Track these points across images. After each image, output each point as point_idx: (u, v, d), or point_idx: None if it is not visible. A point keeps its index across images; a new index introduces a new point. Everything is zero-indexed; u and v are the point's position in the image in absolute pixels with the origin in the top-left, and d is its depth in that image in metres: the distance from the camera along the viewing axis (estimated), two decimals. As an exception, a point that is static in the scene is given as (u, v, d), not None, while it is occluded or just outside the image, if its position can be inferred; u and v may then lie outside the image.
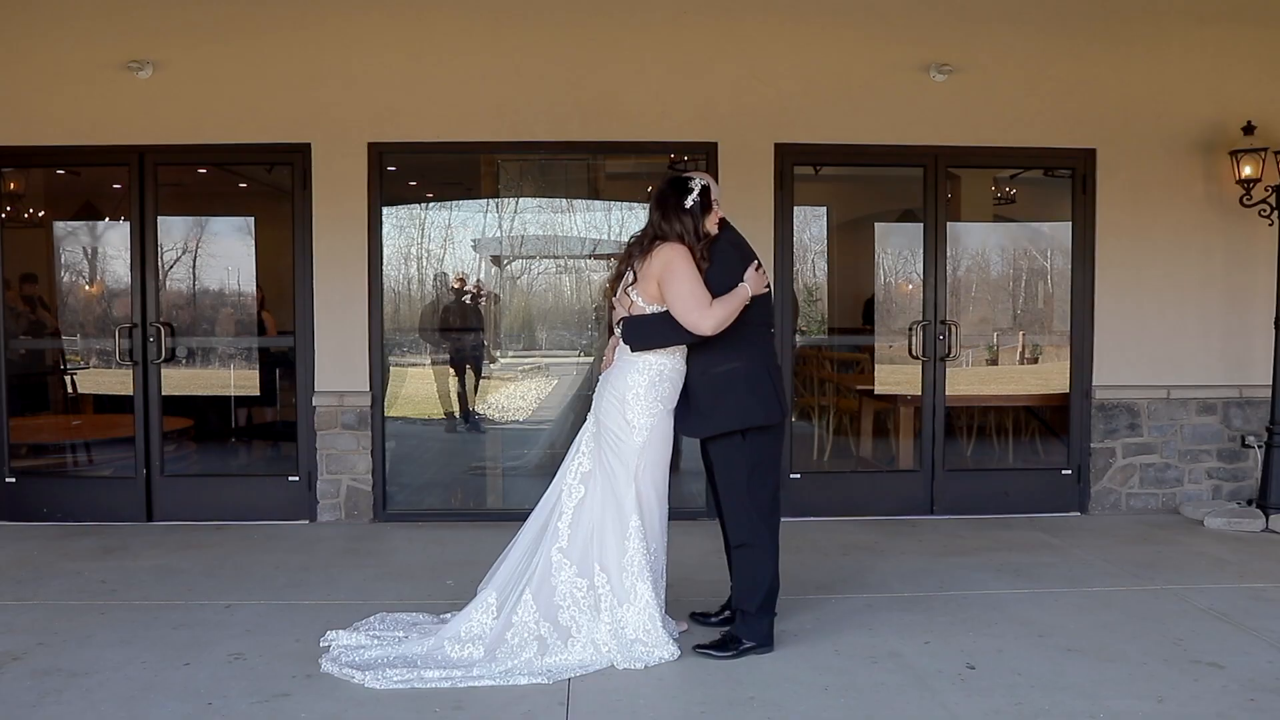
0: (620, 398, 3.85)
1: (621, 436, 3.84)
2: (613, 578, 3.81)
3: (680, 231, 3.80)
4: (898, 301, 6.92)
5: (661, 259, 3.78)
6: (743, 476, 3.85)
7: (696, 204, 3.82)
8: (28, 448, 6.46)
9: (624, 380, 3.86)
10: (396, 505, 6.25)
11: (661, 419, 3.86)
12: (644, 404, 3.83)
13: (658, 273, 3.78)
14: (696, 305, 3.70)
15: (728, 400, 3.83)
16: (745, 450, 3.85)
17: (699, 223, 3.82)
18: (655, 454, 3.86)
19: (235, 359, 7.02)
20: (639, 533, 3.81)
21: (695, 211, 3.81)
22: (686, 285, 3.73)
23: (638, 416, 3.83)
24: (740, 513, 3.87)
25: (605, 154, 6.54)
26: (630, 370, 3.86)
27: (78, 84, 5.91)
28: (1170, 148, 6.28)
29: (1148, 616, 4.33)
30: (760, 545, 3.87)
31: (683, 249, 3.78)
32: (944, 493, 6.32)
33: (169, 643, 3.98)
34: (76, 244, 6.99)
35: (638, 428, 3.83)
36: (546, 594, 3.82)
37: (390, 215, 6.39)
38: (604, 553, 3.83)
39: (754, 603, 3.87)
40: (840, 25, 6.08)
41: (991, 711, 3.38)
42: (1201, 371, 6.39)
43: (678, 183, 3.86)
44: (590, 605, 3.81)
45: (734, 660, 3.81)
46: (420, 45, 5.99)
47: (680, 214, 3.80)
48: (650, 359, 3.84)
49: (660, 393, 3.85)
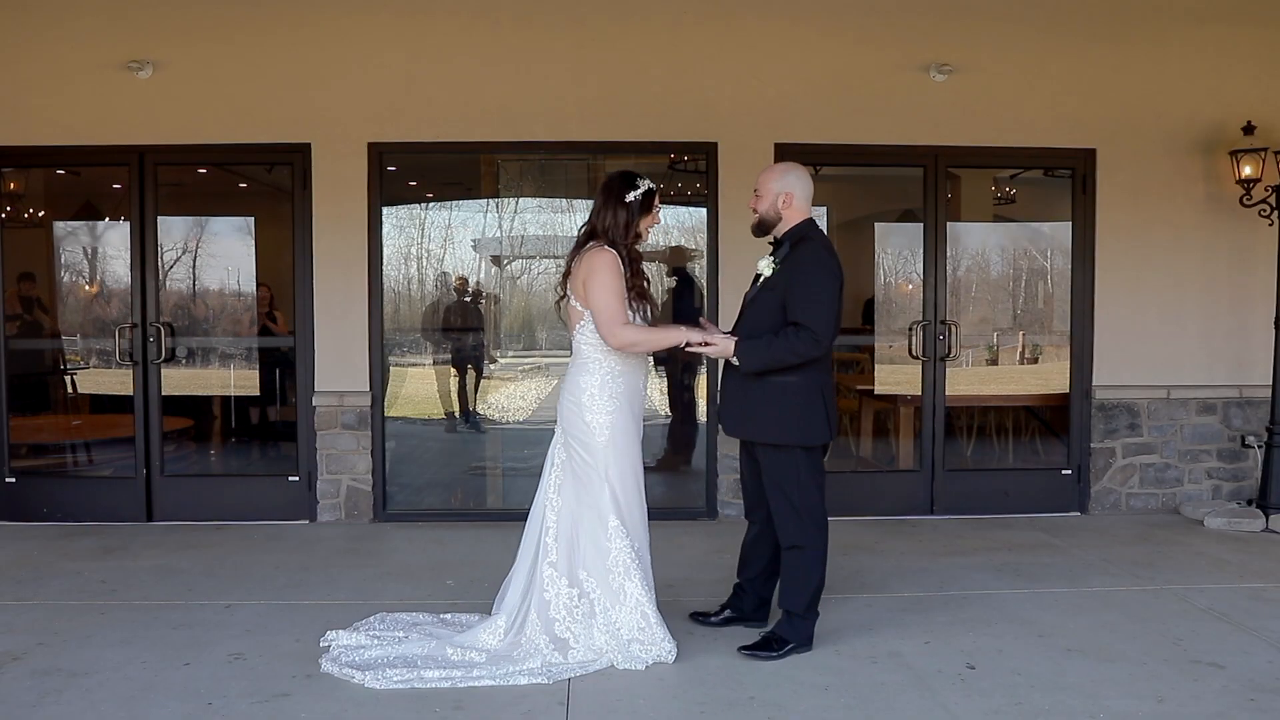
0: (576, 401, 3.86)
1: (585, 439, 3.84)
2: (599, 580, 3.81)
3: (610, 226, 3.83)
4: (898, 301, 6.92)
5: (588, 263, 3.81)
6: (795, 485, 3.85)
7: (637, 201, 3.86)
8: (28, 448, 6.46)
9: (577, 383, 3.88)
10: (396, 505, 6.25)
11: (621, 415, 3.84)
12: (600, 403, 3.83)
13: (583, 275, 3.82)
14: (609, 319, 3.77)
15: (790, 412, 3.81)
16: (803, 462, 3.86)
17: (634, 219, 3.86)
18: (622, 451, 3.85)
19: (235, 359, 7.03)
20: (620, 532, 3.81)
21: (634, 208, 3.85)
22: (603, 297, 3.77)
23: (596, 416, 3.82)
24: (791, 517, 3.87)
25: (605, 154, 6.53)
26: (581, 373, 3.88)
27: (78, 84, 5.91)
28: (1170, 148, 6.28)
29: (1148, 616, 4.33)
30: (811, 547, 3.87)
31: (610, 256, 3.81)
32: (944, 493, 6.32)
33: (169, 643, 3.98)
34: (76, 244, 6.99)
35: (598, 427, 3.82)
36: (542, 608, 3.82)
37: (390, 215, 6.39)
38: (587, 557, 3.82)
39: (801, 604, 3.87)
40: (840, 25, 6.08)
41: (991, 711, 3.38)
42: (1201, 371, 6.39)
43: (627, 175, 3.90)
44: (585, 614, 3.80)
45: (747, 660, 3.81)
46: (420, 45, 5.99)
47: (619, 205, 3.84)
48: (599, 358, 3.85)
49: (614, 390, 3.85)
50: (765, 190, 3.94)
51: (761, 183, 3.97)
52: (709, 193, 6.15)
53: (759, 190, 3.97)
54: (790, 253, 3.86)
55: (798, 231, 3.90)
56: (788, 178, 3.94)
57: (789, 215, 3.91)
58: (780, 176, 3.95)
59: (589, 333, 3.86)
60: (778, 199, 3.90)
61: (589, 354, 3.88)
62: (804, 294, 3.77)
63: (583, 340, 3.89)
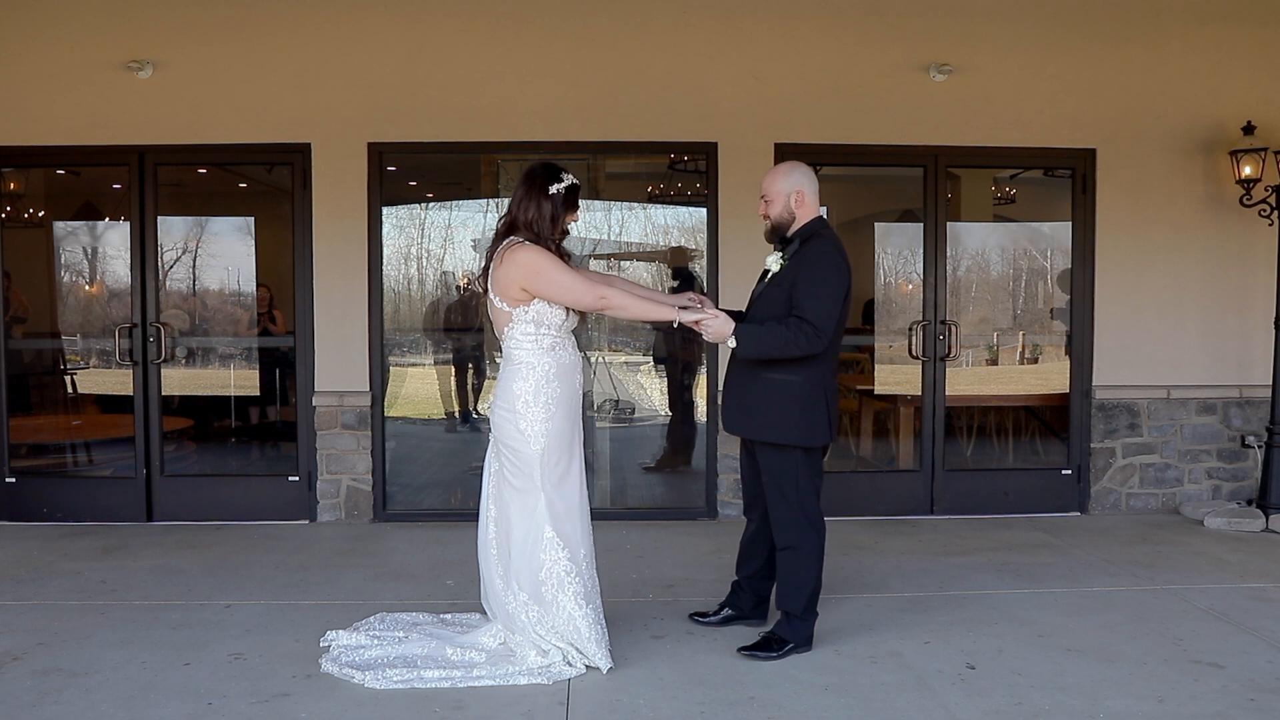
0: (510, 408, 3.68)
1: (518, 448, 3.67)
2: (531, 593, 3.69)
3: (534, 219, 3.68)
4: (898, 301, 6.92)
5: (517, 262, 3.63)
6: (793, 485, 3.85)
7: (560, 194, 3.72)
8: (28, 448, 6.46)
9: (509, 389, 3.69)
10: (396, 505, 6.25)
11: (557, 421, 3.67)
12: (534, 409, 3.65)
13: (519, 279, 3.63)
14: (583, 292, 3.65)
15: (791, 412, 3.80)
16: (802, 462, 3.85)
17: (558, 213, 3.73)
18: (558, 458, 3.69)
19: (235, 359, 7.02)
20: (555, 543, 3.66)
21: (557, 200, 3.72)
22: (560, 279, 3.64)
23: (530, 424, 3.65)
24: (788, 517, 3.87)
25: (605, 154, 6.54)
26: (515, 378, 3.69)
27: (78, 84, 5.91)
28: (1170, 148, 6.28)
29: (1148, 616, 4.33)
30: (806, 548, 3.86)
31: (539, 250, 3.65)
32: (944, 493, 6.32)
33: (169, 643, 3.98)
34: (76, 244, 6.99)
35: (533, 435, 3.65)
36: (509, 621, 3.75)
37: (390, 215, 6.39)
38: (520, 570, 3.69)
39: (799, 604, 3.87)
40: (840, 25, 6.08)
41: (991, 711, 3.38)
42: (1201, 371, 6.39)
43: (550, 167, 3.79)
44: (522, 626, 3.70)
45: (746, 661, 3.81)
46: (420, 45, 5.99)
47: (542, 197, 3.71)
48: (532, 361, 3.68)
49: (551, 394, 3.67)
50: (774, 193, 3.90)
51: (768, 187, 3.93)
52: (709, 193, 6.15)
53: (767, 195, 3.92)
54: (800, 249, 3.83)
55: (809, 229, 3.88)
56: (794, 175, 3.91)
57: (802, 213, 3.89)
58: (787, 175, 3.92)
59: (519, 335, 3.69)
60: (790, 199, 3.88)
61: (521, 357, 3.69)
62: (809, 289, 3.73)
63: (513, 344, 3.71)
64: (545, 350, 3.71)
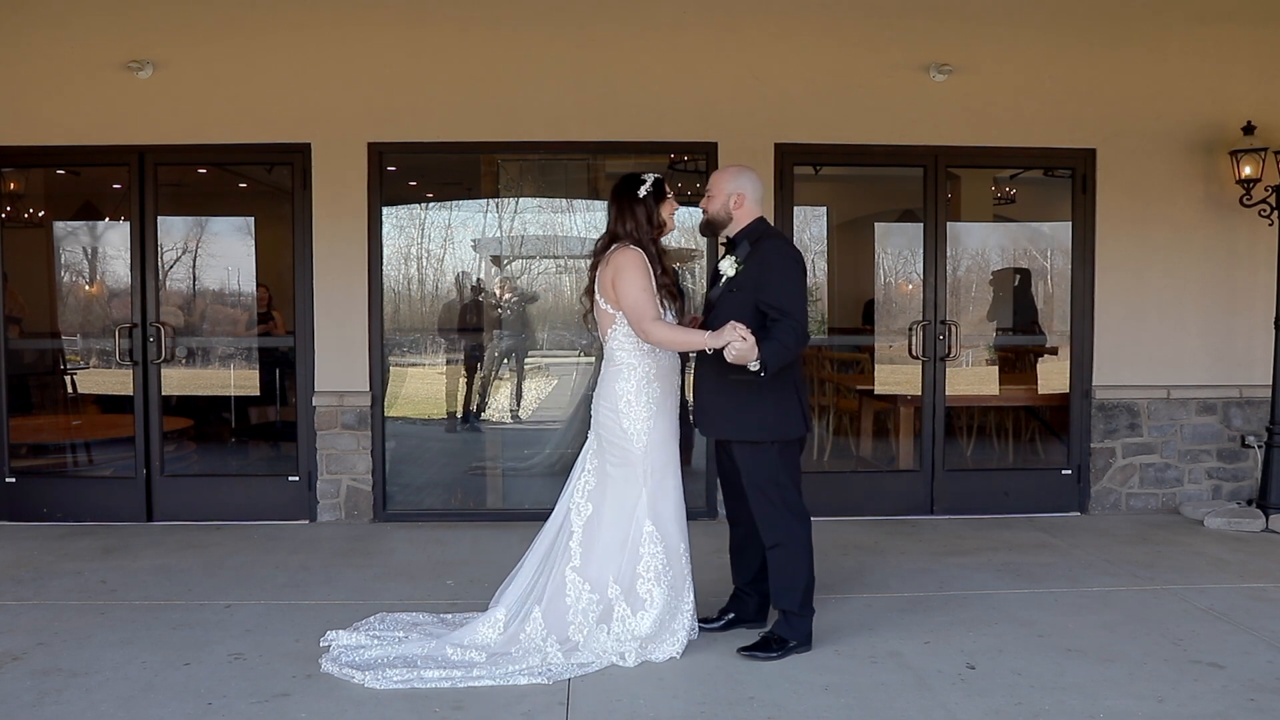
0: (613, 407, 3.85)
1: (622, 445, 3.84)
2: (625, 588, 3.80)
3: (633, 229, 3.84)
4: (898, 301, 6.92)
5: (614, 263, 3.81)
6: (773, 482, 3.86)
7: (650, 194, 3.88)
8: (28, 448, 6.45)
9: (613, 389, 3.86)
10: (396, 505, 6.25)
11: (658, 420, 3.85)
12: (637, 410, 3.83)
13: (611, 276, 3.81)
14: (640, 315, 3.75)
15: (764, 409, 3.82)
16: (779, 458, 3.86)
17: (653, 211, 3.88)
18: (659, 457, 3.85)
19: (235, 359, 7.02)
20: (654, 537, 3.81)
21: (649, 201, 3.87)
22: (632, 293, 3.76)
23: (633, 423, 3.83)
24: (771, 514, 3.87)
25: (605, 154, 6.54)
26: (617, 378, 3.87)
27: (78, 84, 5.91)
28: (1170, 148, 6.28)
29: (1148, 616, 4.33)
30: (793, 543, 3.87)
31: (636, 254, 3.81)
32: (944, 493, 6.32)
33: (169, 643, 3.98)
34: (76, 244, 6.99)
35: (635, 434, 3.83)
36: (558, 612, 3.82)
37: (390, 215, 6.39)
38: (620, 565, 3.81)
39: (795, 601, 3.87)
40: (840, 25, 6.08)
41: (991, 711, 3.38)
42: (1201, 371, 6.39)
43: (630, 177, 3.93)
44: (599, 618, 3.79)
45: (747, 661, 3.81)
46: (420, 45, 5.99)
47: (634, 204, 3.86)
48: (633, 362, 3.85)
49: (651, 395, 3.85)
50: (718, 191, 3.99)
51: (714, 183, 4.03)
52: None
53: (711, 191, 4.02)
54: (753, 250, 3.88)
55: (754, 230, 3.95)
56: (740, 179, 3.99)
57: (739, 215, 3.96)
58: (734, 178, 4.00)
59: (621, 336, 3.86)
60: (729, 199, 3.95)
61: (623, 359, 3.87)
62: (780, 289, 3.78)
63: (615, 345, 3.88)
64: (645, 352, 3.85)
